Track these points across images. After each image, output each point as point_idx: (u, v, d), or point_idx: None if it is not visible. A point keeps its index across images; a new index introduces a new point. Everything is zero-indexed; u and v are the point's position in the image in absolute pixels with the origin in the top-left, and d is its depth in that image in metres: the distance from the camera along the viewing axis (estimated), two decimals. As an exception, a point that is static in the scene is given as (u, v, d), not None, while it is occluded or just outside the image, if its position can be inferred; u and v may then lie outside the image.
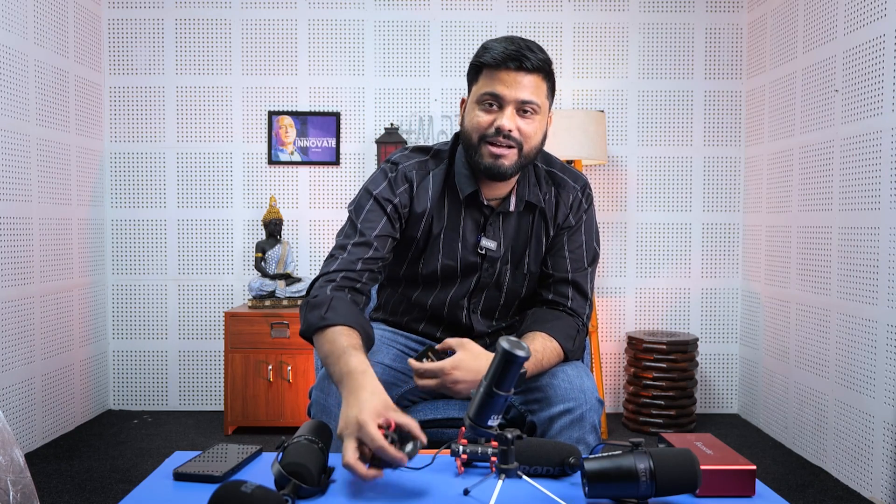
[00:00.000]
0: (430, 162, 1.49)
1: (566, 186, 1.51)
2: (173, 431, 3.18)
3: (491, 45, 1.35)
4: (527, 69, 1.32)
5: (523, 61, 1.31)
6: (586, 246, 1.52)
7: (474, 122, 1.37)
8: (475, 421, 1.03)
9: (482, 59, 1.35)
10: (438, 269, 1.49)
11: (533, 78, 1.33)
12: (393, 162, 1.49)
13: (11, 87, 2.74)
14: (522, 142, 1.36)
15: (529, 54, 1.32)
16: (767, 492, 1.06)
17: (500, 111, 1.35)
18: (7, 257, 2.72)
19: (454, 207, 1.47)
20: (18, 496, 0.94)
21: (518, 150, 1.36)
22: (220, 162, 3.51)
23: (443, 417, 1.55)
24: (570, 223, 1.50)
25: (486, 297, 1.54)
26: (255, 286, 3.23)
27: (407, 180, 1.46)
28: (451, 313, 1.55)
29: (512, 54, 1.31)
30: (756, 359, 3.39)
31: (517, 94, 1.33)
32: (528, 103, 1.34)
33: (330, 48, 3.50)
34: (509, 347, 0.99)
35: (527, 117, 1.35)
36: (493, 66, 1.33)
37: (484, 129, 1.36)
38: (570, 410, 1.33)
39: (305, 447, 1.04)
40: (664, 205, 3.55)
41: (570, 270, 1.49)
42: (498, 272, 1.51)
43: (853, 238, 2.60)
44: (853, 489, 2.55)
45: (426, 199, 1.46)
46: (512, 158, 1.36)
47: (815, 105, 2.87)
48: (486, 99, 1.35)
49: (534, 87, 1.34)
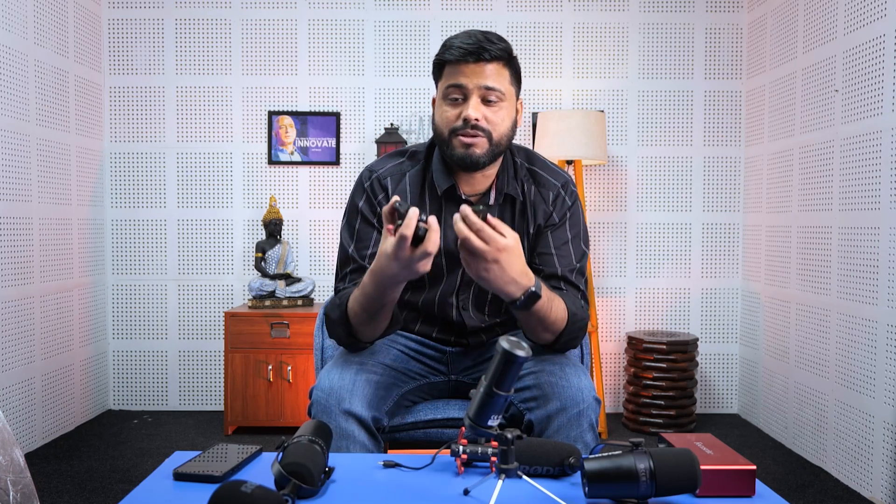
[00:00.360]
0: (405, 163, 1.52)
1: (547, 184, 1.51)
2: (173, 431, 3.18)
3: (451, 41, 1.39)
4: (486, 59, 1.35)
5: (482, 53, 1.35)
6: (573, 244, 1.50)
7: (442, 116, 1.41)
8: (475, 421, 1.03)
9: (443, 56, 1.39)
10: None
11: (494, 66, 1.37)
12: (369, 169, 1.52)
13: (11, 87, 2.74)
14: (491, 130, 1.38)
15: (488, 45, 1.35)
16: (767, 492, 1.06)
17: (465, 102, 1.38)
18: (7, 257, 2.72)
19: (434, 204, 1.49)
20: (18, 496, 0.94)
21: (487, 138, 1.38)
22: (220, 162, 3.51)
23: (443, 417, 1.55)
24: (554, 220, 1.50)
25: (475, 293, 1.54)
26: (255, 286, 3.23)
27: (382, 188, 1.48)
28: (442, 311, 1.55)
29: (471, 49, 1.35)
30: (756, 359, 3.39)
31: (479, 81, 1.36)
32: (492, 90, 1.37)
33: (330, 48, 3.50)
34: (509, 347, 0.99)
35: (492, 105, 1.38)
36: (453, 60, 1.37)
37: (452, 121, 1.39)
38: (568, 409, 1.33)
39: (305, 447, 1.04)
40: (664, 205, 3.55)
41: (558, 267, 1.47)
42: None
43: (853, 238, 2.60)
44: (853, 489, 2.55)
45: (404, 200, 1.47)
46: (483, 147, 1.38)
47: (815, 105, 2.87)
48: (450, 92, 1.39)
49: (496, 74, 1.37)
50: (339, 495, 1.04)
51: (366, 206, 1.48)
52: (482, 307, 1.56)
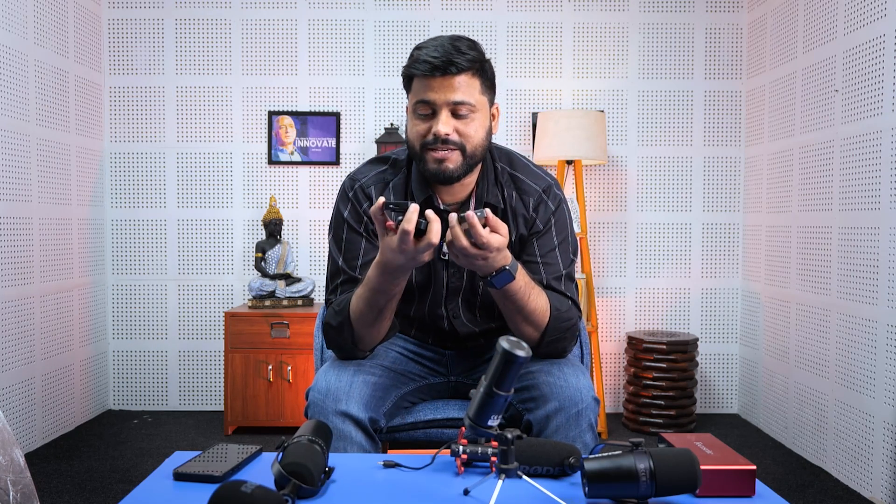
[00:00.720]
0: (388, 171, 1.50)
1: (528, 190, 1.47)
2: (173, 431, 3.18)
3: (419, 53, 1.35)
4: (453, 72, 1.32)
5: (449, 67, 1.31)
6: (560, 250, 1.47)
7: (413, 131, 1.38)
8: (475, 421, 1.03)
9: (410, 69, 1.36)
10: (411, 278, 1.47)
11: (463, 77, 1.33)
12: (351, 178, 1.50)
13: (11, 87, 2.74)
14: (464, 142, 1.35)
15: (456, 58, 1.31)
16: (767, 492, 1.07)
17: (434, 117, 1.35)
18: (7, 257, 2.72)
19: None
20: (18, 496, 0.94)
21: (461, 150, 1.36)
22: (220, 162, 3.51)
23: (443, 417, 1.55)
24: (538, 227, 1.46)
25: (464, 301, 1.52)
26: (255, 286, 3.23)
27: (367, 197, 1.47)
28: (433, 322, 1.54)
29: (438, 64, 1.31)
30: (756, 359, 3.39)
31: (447, 96, 1.33)
32: (461, 104, 1.33)
33: (330, 48, 3.50)
34: (509, 347, 0.99)
35: (463, 118, 1.35)
36: (420, 74, 1.34)
37: (422, 136, 1.36)
38: (567, 409, 1.33)
39: (305, 447, 1.04)
40: (664, 205, 3.55)
41: (544, 275, 1.44)
42: (469, 275, 1.48)
43: (853, 238, 2.60)
44: (853, 489, 2.55)
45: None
46: (456, 161, 1.36)
47: (815, 105, 2.87)
48: (419, 108, 1.36)
49: (465, 87, 1.33)
50: (339, 495, 1.04)
51: (351, 215, 1.47)
52: (473, 312, 1.54)
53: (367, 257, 1.43)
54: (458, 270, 1.48)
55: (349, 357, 1.45)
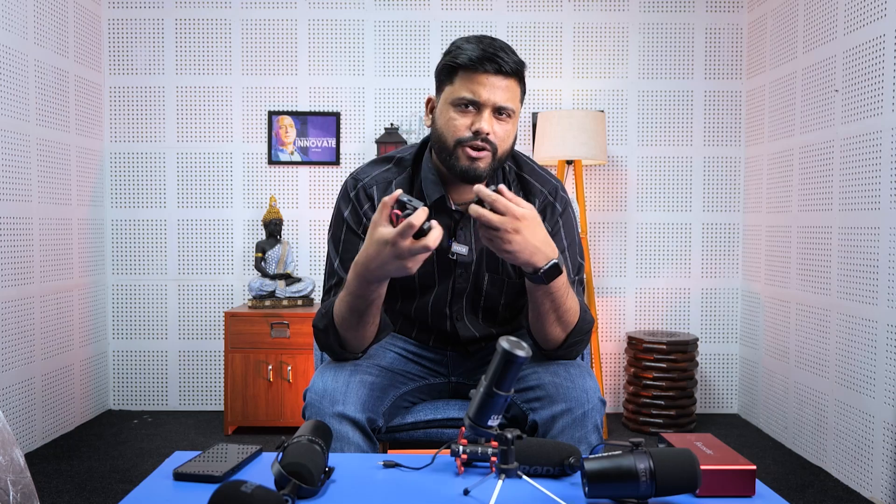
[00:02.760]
0: (392, 170, 1.47)
1: (534, 191, 1.47)
2: (173, 431, 3.18)
3: (464, 45, 1.33)
4: (504, 73, 1.30)
5: (501, 64, 1.30)
6: (569, 254, 1.46)
7: (450, 125, 1.34)
8: (475, 421, 1.03)
9: (457, 59, 1.32)
10: (416, 277, 1.46)
11: (509, 82, 1.32)
12: (353, 178, 1.48)
13: (11, 87, 2.74)
14: (497, 145, 1.34)
15: (505, 56, 1.30)
16: (767, 492, 1.07)
17: (477, 114, 1.33)
18: (7, 257, 2.72)
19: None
20: (18, 496, 0.94)
21: (493, 152, 1.34)
22: (220, 162, 3.51)
23: (443, 417, 1.55)
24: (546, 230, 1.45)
25: (469, 303, 1.51)
26: (255, 286, 3.23)
27: (368, 197, 1.45)
28: (435, 322, 1.53)
29: (489, 56, 1.29)
30: (756, 359, 3.39)
31: (495, 98, 1.31)
32: (505, 109, 1.33)
33: (330, 48, 3.50)
34: (509, 347, 0.99)
35: (502, 120, 1.34)
36: (469, 67, 1.31)
37: (461, 132, 1.33)
38: (573, 410, 1.32)
39: (305, 447, 1.04)
40: (664, 205, 3.55)
41: None
42: (475, 277, 1.48)
43: (853, 238, 2.60)
44: (853, 489, 2.55)
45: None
46: (487, 161, 1.35)
47: (815, 105, 2.87)
48: (462, 101, 1.32)
49: (510, 93, 1.33)
50: (339, 495, 1.04)
51: (351, 216, 1.45)
52: (476, 316, 1.54)
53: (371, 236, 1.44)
54: (465, 271, 1.47)
55: (341, 359, 1.44)
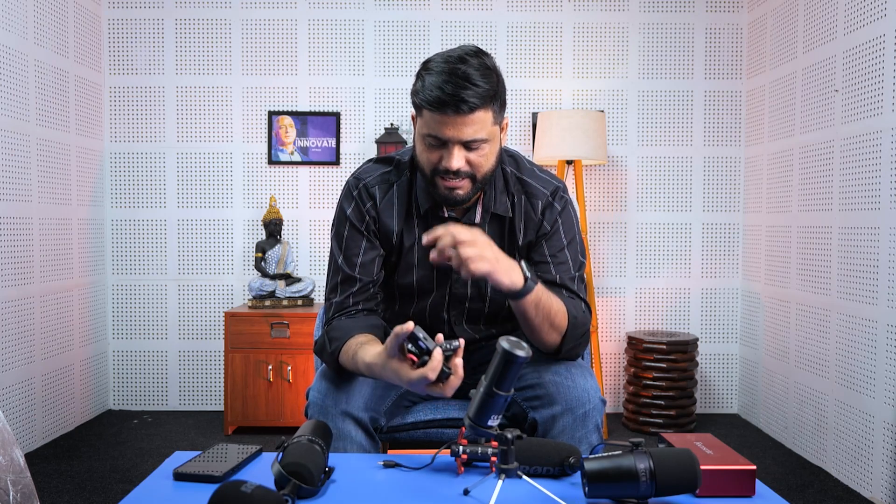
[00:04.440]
0: (392, 173, 1.47)
1: (536, 193, 1.47)
2: (173, 431, 3.18)
3: (428, 80, 1.28)
4: (465, 112, 1.26)
5: (460, 106, 1.25)
6: (569, 252, 1.46)
7: (423, 157, 1.35)
8: (475, 421, 1.03)
9: (418, 98, 1.30)
10: (414, 281, 1.47)
11: (475, 115, 1.27)
12: (356, 177, 1.48)
13: (11, 87, 2.74)
14: (475, 172, 1.33)
15: (468, 95, 1.24)
16: (767, 492, 1.07)
17: (445, 148, 1.31)
18: (7, 257, 2.72)
19: (421, 220, 1.45)
20: (18, 496, 0.94)
21: (471, 179, 1.34)
22: (220, 162, 3.51)
23: (443, 417, 1.55)
24: (546, 229, 1.46)
25: (470, 309, 1.51)
26: (255, 286, 3.23)
27: (370, 196, 1.45)
28: (433, 326, 1.52)
29: (448, 99, 1.24)
30: (756, 359, 3.39)
31: (460, 135, 1.28)
32: (473, 141, 1.30)
33: (330, 48, 3.50)
34: (509, 347, 0.99)
35: (474, 150, 1.31)
36: (431, 109, 1.27)
37: (434, 164, 1.33)
38: (573, 410, 1.32)
39: (305, 447, 1.04)
40: (664, 205, 3.55)
41: (556, 275, 1.43)
42: (474, 283, 1.48)
43: (853, 238, 2.60)
44: (853, 489, 2.55)
45: (392, 213, 1.45)
46: (466, 188, 1.34)
47: (815, 105, 2.87)
48: (429, 139, 1.31)
49: (477, 125, 1.28)
50: (339, 495, 1.04)
51: (354, 213, 1.45)
52: (478, 320, 1.54)
53: (366, 257, 1.44)
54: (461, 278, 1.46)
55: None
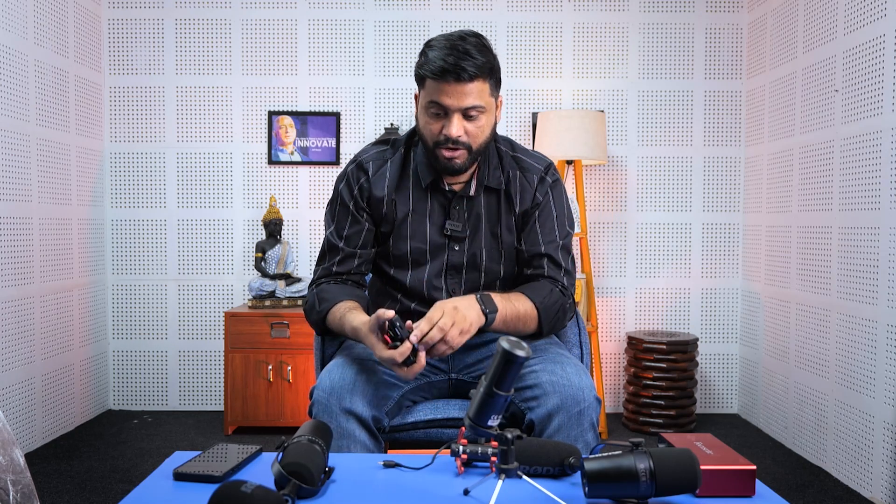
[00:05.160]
0: (388, 151, 1.59)
1: (531, 169, 1.58)
2: (173, 431, 3.18)
3: (431, 54, 1.41)
4: (465, 80, 1.38)
5: (460, 73, 1.37)
6: (557, 222, 1.58)
7: (426, 129, 1.47)
8: (475, 421, 1.03)
9: (422, 70, 1.43)
10: (408, 250, 1.56)
11: (474, 84, 1.40)
12: (355, 156, 1.61)
13: (11, 87, 2.74)
14: (471, 143, 1.45)
15: (467, 64, 1.37)
16: (767, 492, 1.07)
17: (446, 117, 1.43)
18: (7, 257, 2.72)
19: (419, 192, 1.56)
20: (18, 496, 0.94)
21: (468, 149, 1.45)
22: (220, 162, 3.51)
23: (443, 417, 1.55)
24: (538, 200, 1.57)
25: (467, 279, 1.58)
26: (255, 286, 3.23)
27: (363, 171, 1.57)
28: (431, 295, 1.56)
29: (450, 68, 1.37)
30: (756, 359, 3.39)
31: (460, 103, 1.40)
32: (472, 108, 1.42)
33: (330, 48, 3.50)
34: (509, 347, 0.99)
35: (472, 119, 1.43)
36: (433, 78, 1.40)
37: (435, 135, 1.45)
38: (569, 408, 1.33)
39: (306, 447, 1.04)
40: (664, 205, 3.55)
41: (541, 244, 1.55)
42: (471, 253, 1.56)
43: (853, 238, 2.60)
44: (853, 489, 2.55)
45: (383, 184, 1.56)
46: (463, 157, 1.46)
47: (815, 105, 2.87)
48: (431, 107, 1.44)
49: (477, 93, 1.41)
50: (339, 495, 1.04)
51: (345, 188, 1.57)
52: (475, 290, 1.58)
53: (351, 230, 1.57)
54: (460, 246, 1.57)
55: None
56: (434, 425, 1.54)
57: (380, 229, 1.58)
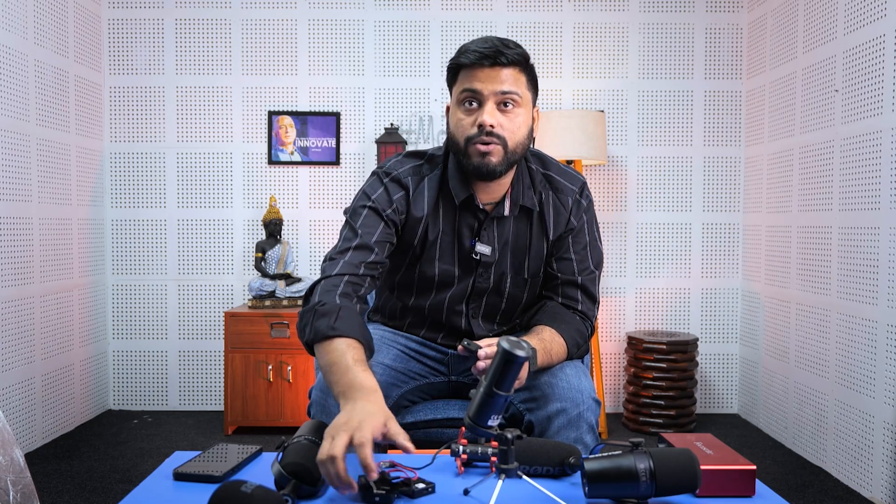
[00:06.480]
0: (424, 167, 1.48)
1: (564, 190, 1.49)
2: (173, 431, 3.18)
3: (467, 46, 1.37)
4: (503, 63, 1.33)
5: (498, 57, 1.33)
6: (591, 247, 1.51)
7: (458, 124, 1.38)
8: (475, 421, 1.03)
9: (459, 60, 1.37)
10: (436, 274, 1.48)
11: (510, 71, 1.35)
12: (386, 170, 1.47)
13: (11, 87, 2.74)
14: (506, 137, 1.35)
15: (505, 50, 1.34)
16: (767, 492, 1.07)
17: (480, 108, 1.35)
18: (7, 257, 2.72)
19: (449, 212, 1.47)
20: (18, 496, 0.94)
21: (503, 146, 1.35)
22: (220, 162, 3.51)
23: (443, 417, 1.55)
24: (573, 225, 1.49)
25: (487, 303, 1.53)
26: (255, 286, 3.23)
27: (403, 186, 1.45)
28: (449, 318, 1.53)
29: (487, 52, 1.33)
30: (756, 359, 3.39)
31: (495, 86, 1.34)
32: (508, 94, 1.34)
33: (330, 48, 3.50)
34: (509, 347, 0.99)
35: (508, 111, 1.35)
36: (469, 65, 1.35)
37: (468, 129, 1.36)
38: (567, 410, 1.33)
39: (305, 447, 1.04)
40: (664, 205, 3.55)
41: (576, 272, 1.49)
42: (497, 277, 1.50)
43: (853, 238, 2.60)
44: (853, 489, 2.55)
45: (423, 204, 1.45)
46: (499, 155, 1.35)
47: (815, 105, 2.87)
48: (465, 97, 1.36)
49: (512, 79, 1.35)
50: (339, 495, 1.04)
51: (380, 198, 1.42)
52: (493, 318, 1.55)
53: (382, 237, 1.40)
54: (486, 271, 1.49)
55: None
56: (434, 425, 1.54)
57: (411, 252, 1.47)
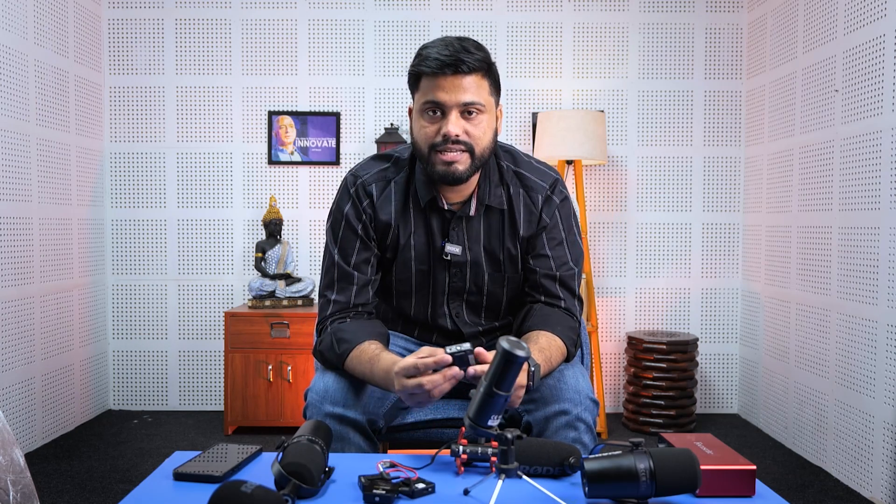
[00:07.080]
0: (390, 170, 1.48)
1: (535, 187, 1.48)
2: (173, 431, 3.18)
3: (426, 52, 1.34)
4: (464, 72, 1.31)
5: (460, 66, 1.31)
6: (568, 243, 1.49)
7: (421, 132, 1.37)
8: (475, 421, 1.03)
9: (419, 67, 1.35)
10: (412, 275, 1.49)
11: (473, 78, 1.33)
12: (353, 174, 1.49)
13: (11, 87, 2.74)
14: (472, 144, 1.35)
15: (466, 57, 1.31)
16: (767, 492, 1.07)
17: (443, 118, 1.34)
18: (7, 257, 2.72)
19: (419, 214, 1.46)
20: (18, 496, 0.94)
21: (469, 152, 1.35)
22: (220, 162, 3.51)
23: (443, 417, 1.55)
24: (546, 222, 1.47)
25: (468, 302, 1.52)
26: (255, 286, 3.23)
27: (367, 194, 1.46)
28: (435, 320, 1.53)
29: (448, 61, 1.30)
30: (756, 359, 3.39)
31: (458, 97, 1.32)
32: (471, 104, 1.33)
33: (330, 48, 3.50)
34: (509, 347, 0.99)
35: (472, 119, 1.35)
36: (430, 74, 1.33)
37: (431, 138, 1.36)
38: (566, 411, 1.33)
39: (305, 447, 1.04)
40: (664, 205, 3.55)
41: (554, 268, 1.47)
42: (472, 276, 1.49)
43: (853, 238, 2.60)
44: (853, 489, 2.55)
45: (389, 209, 1.46)
46: (465, 162, 1.36)
47: (815, 105, 2.87)
48: (428, 108, 1.35)
49: (475, 88, 1.33)
50: (339, 495, 1.04)
51: (351, 211, 1.46)
52: (478, 313, 1.54)
53: (361, 256, 1.45)
54: (460, 271, 1.48)
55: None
56: (434, 425, 1.54)
57: (385, 255, 1.49)
